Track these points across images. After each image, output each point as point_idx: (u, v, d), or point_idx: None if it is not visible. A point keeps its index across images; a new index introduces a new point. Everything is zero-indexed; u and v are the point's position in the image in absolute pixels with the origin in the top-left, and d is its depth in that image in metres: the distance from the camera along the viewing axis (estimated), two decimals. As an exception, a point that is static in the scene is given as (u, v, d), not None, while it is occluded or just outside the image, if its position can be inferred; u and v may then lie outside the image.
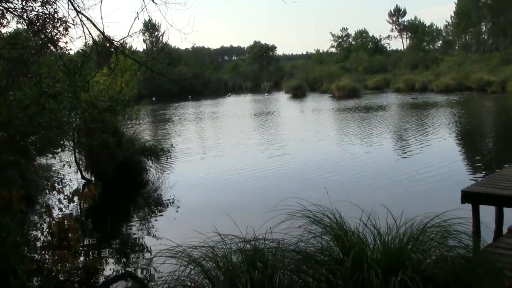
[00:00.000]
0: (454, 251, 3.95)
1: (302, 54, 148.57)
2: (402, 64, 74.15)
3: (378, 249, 3.97)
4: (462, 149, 16.84)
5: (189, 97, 59.93)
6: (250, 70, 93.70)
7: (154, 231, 8.76)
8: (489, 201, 6.84)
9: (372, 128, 22.58)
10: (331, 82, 55.05)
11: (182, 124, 29.80)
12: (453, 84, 49.19)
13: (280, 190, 10.57)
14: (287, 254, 3.87)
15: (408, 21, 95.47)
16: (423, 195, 10.01)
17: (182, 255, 3.77)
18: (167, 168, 14.17)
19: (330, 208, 4.30)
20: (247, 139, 20.39)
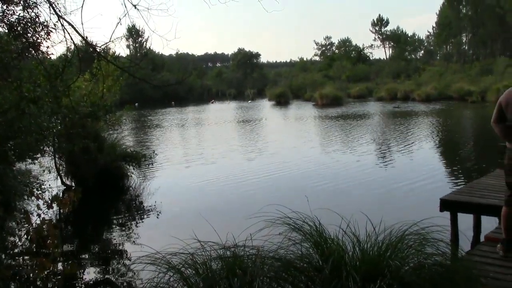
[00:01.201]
0: (431, 258, 3.99)
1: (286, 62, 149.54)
2: (384, 73, 75.00)
3: (357, 256, 3.99)
4: (442, 158, 17.05)
5: (172, 103, 59.75)
6: (234, 77, 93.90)
7: (134, 238, 8.70)
8: (467, 209, 6.93)
9: (354, 137, 22.75)
10: (315, 90, 55.35)
11: (165, 130, 29.70)
12: (434, 94, 49.87)
13: (261, 198, 10.59)
14: (266, 261, 3.87)
15: (391, 30, 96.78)
16: (403, 203, 10.11)
17: (161, 262, 3.75)
18: (148, 174, 14.10)
19: (310, 216, 4.32)
20: (230, 147, 20.38)
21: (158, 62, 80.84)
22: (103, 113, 12.86)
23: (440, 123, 28.17)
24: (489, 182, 7.67)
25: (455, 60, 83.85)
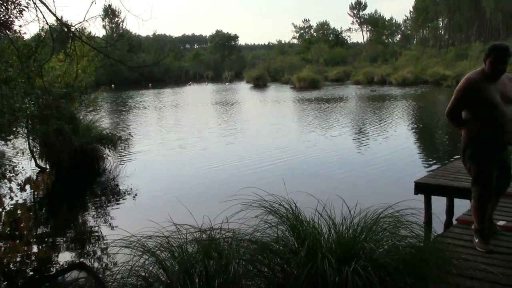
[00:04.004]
0: (405, 240, 4.04)
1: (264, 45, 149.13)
2: (362, 56, 75.41)
3: (332, 238, 4.03)
4: (417, 141, 17.26)
5: (149, 85, 59.15)
6: (211, 59, 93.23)
7: (110, 221, 8.63)
8: (440, 192, 7.04)
9: (331, 120, 22.87)
10: (292, 73, 55.42)
11: (142, 112, 29.40)
12: (411, 78, 50.40)
13: (238, 181, 10.60)
14: (242, 244, 3.87)
15: (369, 14, 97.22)
16: (378, 186, 10.22)
17: (136, 245, 3.72)
18: (125, 156, 13.96)
19: (286, 199, 4.33)
20: (207, 130, 20.30)
21: (134, 43, 79.75)
22: (78, 94, 12.66)
23: (415, 107, 28.49)
24: (462, 166, 7.76)
25: (431, 44, 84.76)
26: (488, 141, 4.47)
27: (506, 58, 4.32)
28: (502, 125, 4.37)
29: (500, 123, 4.36)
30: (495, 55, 4.32)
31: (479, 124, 4.48)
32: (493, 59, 4.34)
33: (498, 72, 4.37)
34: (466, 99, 4.51)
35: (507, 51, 4.33)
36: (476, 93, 4.42)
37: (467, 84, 4.48)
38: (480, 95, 4.39)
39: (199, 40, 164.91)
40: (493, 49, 4.36)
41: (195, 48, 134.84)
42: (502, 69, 4.36)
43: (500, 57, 4.31)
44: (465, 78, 4.55)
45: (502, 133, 4.39)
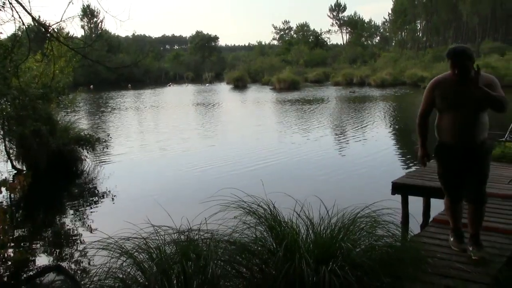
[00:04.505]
0: (382, 240, 4.10)
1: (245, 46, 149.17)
2: (341, 58, 75.88)
3: (310, 239, 4.06)
4: (396, 142, 17.45)
5: (129, 86, 58.68)
6: (191, 60, 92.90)
7: (88, 223, 8.54)
8: (417, 192, 7.15)
9: (310, 121, 22.99)
10: (272, 74, 55.54)
11: (121, 113, 29.16)
12: (389, 79, 50.91)
13: (218, 182, 10.56)
14: (221, 244, 3.88)
15: (348, 16, 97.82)
16: (357, 187, 10.31)
17: (114, 247, 3.70)
18: (104, 158, 13.84)
19: (265, 199, 4.34)
20: (188, 131, 20.23)
21: (114, 44, 79.07)
22: (56, 95, 12.51)
23: (394, 108, 28.80)
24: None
25: (409, 46, 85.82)
26: (444, 143, 4.46)
27: (461, 60, 4.18)
28: (455, 128, 4.32)
29: (453, 126, 4.33)
30: (450, 59, 4.24)
31: (439, 125, 4.48)
32: (451, 63, 4.25)
33: (458, 75, 4.21)
34: (429, 100, 4.49)
35: (461, 54, 4.20)
36: (437, 94, 4.41)
37: (430, 85, 4.52)
38: (440, 97, 4.38)
39: (179, 41, 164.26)
40: (448, 53, 4.28)
41: (175, 49, 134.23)
42: (461, 72, 4.19)
43: (455, 60, 4.21)
44: (432, 79, 4.63)
45: (457, 136, 4.33)
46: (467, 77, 4.10)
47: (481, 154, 4.38)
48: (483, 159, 4.41)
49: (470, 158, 4.35)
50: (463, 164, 4.39)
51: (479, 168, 4.40)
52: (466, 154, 4.35)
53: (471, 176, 4.42)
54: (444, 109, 4.38)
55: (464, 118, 4.27)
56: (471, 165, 4.38)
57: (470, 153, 4.34)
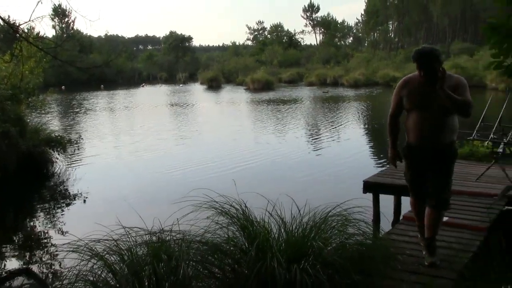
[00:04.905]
0: (353, 238, 4.16)
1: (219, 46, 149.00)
2: (315, 58, 76.29)
3: (282, 238, 4.09)
4: (367, 141, 17.68)
5: (101, 87, 57.91)
6: (165, 60, 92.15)
7: (59, 225, 8.42)
8: (388, 191, 7.27)
9: (283, 121, 23.09)
10: (247, 74, 55.54)
11: (94, 114, 28.76)
12: (362, 79, 51.47)
13: (192, 183, 10.52)
14: (193, 245, 3.88)
15: (321, 17, 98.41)
16: (329, 185, 10.42)
17: (84, 249, 3.66)
18: (76, 160, 13.65)
19: (237, 199, 4.36)
20: (162, 132, 20.08)
21: (86, 44, 77.95)
22: (25, 96, 12.30)
23: (367, 108, 29.15)
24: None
25: (381, 47, 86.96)
26: (411, 143, 4.43)
27: (426, 62, 4.13)
28: (421, 129, 4.29)
29: (419, 126, 4.30)
30: (415, 61, 4.19)
31: (407, 125, 4.45)
32: (416, 65, 4.19)
33: (424, 77, 4.17)
34: (397, 99, 4.46)
35: (426, 55, 4.14)
36: (404, 94, 4.38)
37: (398, 85, 4.50)
38: (407, 97, 4.35)
39: (152, 41, 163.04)
40: (413, 55, 4.20)
41: (149, 49, 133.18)
42: (427, 74, 4.13)
43: (420, 62, 4.15)
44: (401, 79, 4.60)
45: (422, 137, 4.30)
46: (433, 78, 4.05)
47: (446, 157, 4.34)
48: (447, 162, 4.36)
49: (435, 160, 4.31)
50: (428, 165, 4.36)
51: (442, 171, 4.35)
52: (431, 155, 4.31)
53: (434, 178, 4.37)
54: (411, 109, 4.35)
55: (429, 119, 4.23)
56: (435, 167, 4.34)
57: (435, 154, 4.30)
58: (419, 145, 4.35)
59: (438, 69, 4.04)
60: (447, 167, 4.38)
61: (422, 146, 4.33)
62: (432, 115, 4.22)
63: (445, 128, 4.24)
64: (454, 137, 4.36)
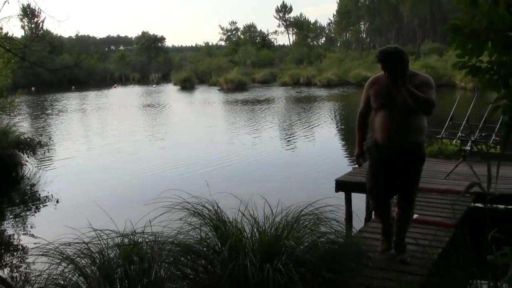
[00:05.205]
0: (325, 237, 4.20)
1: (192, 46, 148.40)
2: (288, 59, 76.52)
3: (255, 238, 4.11)
4: (340, 141, 17.85)
5: (72, 88, 57.01)
6: (138, 61, 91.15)
7: (28, 229, 8.27)
8: (360, 189, 7.34)
9: (257, 121, 23.13)
10: (220, 75, 55.42)
11: (66, 116, 28.30)
12: (335, 79, 51.83)
13: (162, 184, 10.46)
14: (165, 246, 3.86)
15: (294, 17, 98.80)
16: (302, 185, 10.47)
17: (54, 253, 3.61)
18: (46, 162, 13.42)
19: (210, 200, 4.36)
20: (135, 134, 19.88)
21: (56, 44, 76.55)
22: (-7, 97, 12.05)
23: (340, 108, 29.41)
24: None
25: (354, 47, 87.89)
26: (377, 143, 4.42)
27: (390, 62, 4.12)
28: (387, 128, 4.28)
29: (385, 126, 4.29)
30: (379, 61, 4.18)
31: (374, 125, 4.44)
32: (381, 66, 4.19)
33: (388, 77, 4.16)
34: (366, 98, 4.46)
35: (389, 56, 4.13)
36: (371, 93, 4.38)
37: (367, 84, 4.50)
38: (374, 96, 4.35)
39: (124, 41, 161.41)
40: (377, 56, 4.21)
41: (121, 49, 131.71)
42: (391, 74, 4.13)
43: (384, 63, 4.15)
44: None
45: (388, 137, 4.29)
46: (398, 78, 4.06)
47: (414, 157, 4.33)
48: (416, 162, 4.36)
49: (402, 160, 4.29)
50: (395, 165, 4.32)
51: (410, 171, 4.36)
52: (399, 156, 4.29)
53: (402, 179, 4.37)
54: (378, 109, 4.35)
55: (396, 119, 4.21)
56: (403, 167, 4.32)
57: (403, 155, 4.28)
58: (386, 145, 4.32)
59: (402, 68, 4.08)
60: (415, 168, 4.38)
61: (390, 146, 4.30)
62: (399, 115, 4.19)
63: (412, 128, 4.22)
64: (423, 137, 4.34)
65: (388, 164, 4.36)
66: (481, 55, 2.41)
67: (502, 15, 2.22)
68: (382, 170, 4.42)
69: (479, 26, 2.31)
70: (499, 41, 2.30)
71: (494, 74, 2.44)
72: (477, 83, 3.14)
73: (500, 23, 2.24)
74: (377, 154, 4.44)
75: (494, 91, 2.47)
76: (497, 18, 2.24)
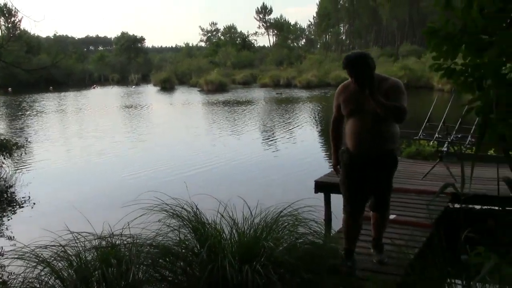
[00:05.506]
0: (304, 237, 4.22)
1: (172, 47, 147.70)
2: (268, 60, 76.64)
3: (234, 239, 4.11)
4: (320, 142, 17.91)
5: (50, 88, 56.27)
6: (117, 61, 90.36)
7: (4, 232, 8.10)
8: (339, 190, 7.36)
9: (237, 123, 23.12)
10: (200, 75, 55.27)
11: (44, 117, 27.90)
12: (315, 81, 52.08)
13: (142, 186, 10.39)
14: (143, 248, 3.84)
15: (274, 19, 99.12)
16: (282, 186, 10.49)
17: (30, 256, 3.56)
18: (24, 164, 13.22)
19: (189, 202, 4.34)
20: (115, 135, 19.70)
21: (34, 44, 75.43)
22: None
23: (319, 109, 29.54)
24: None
25: (333, 49, 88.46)
26: (348, 150, 4.27)
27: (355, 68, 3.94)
28: (356, 136, 4.14)
29: (355, 133, 4.15)
30: (344, 67, 4.01)
31: (345, 132, 4.30)
32: (347, 71, 4.01)
33: (355, 83, 3.99)
34: (337, 105, 4.35)
35: (354, 62, 3.95)
36: (341, 100, 4.26)
37: (336, 91, 4.37)
38: (344, 103, 4.22)
39: (103, 41, 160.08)
40: (342, 62, 4.03)
41: (100, 50, 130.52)
42: (357, 80, 3.95)
43: (349, 69, 3.97)
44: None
45: (358, 144, 4.15)
46: (365, 84, 3.89)
47: (385, 164, 4.22)
48: (387, 169, 4.26)
49: (374, 168, 4.18)
50: (367, 172, 4.20)
51: (382, 178, 4.27)
52: (368, 163, 4.17)
53: (373, 187, 4.30)
54: (348, 116, 4.21)
55: (365, 125, 4.08)
56: (374, 174, 4.21)
57: (374, 162, 4.16)
58: (357, 153, 4.18)
59: (369, 73, 3.92)
60: (388, 174, 4.28)
61: (360, 154, 4.17)
62: (369, 122, 4.05)
63: (382, 135, 4.09)
64: (394, 145, 4.23)
65: (359, 171, 4.22)
66: (456, 57, 2.45)
67: (475, 18, 2.27)
68: (353, 177, 4.28)
69: (453, 29, 2.35)
70: (472, 44, 2.34)
71: (468, 76, 2.49)
72: (454, 85, 3.12)
73: (473, 26, 2.28)
74: (348, 161, 4.27)
75: (469, 93, 2.52)
76: (471, 21, 2.29)
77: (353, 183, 4.28)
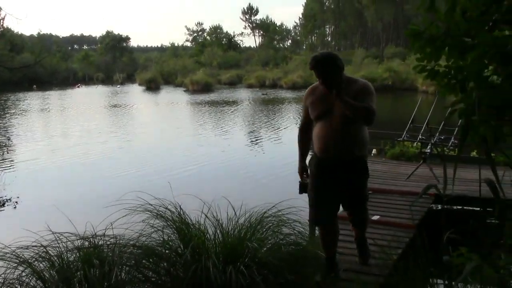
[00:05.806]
0: (288, 238, 4.22)
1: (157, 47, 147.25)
2: (254, 60, 76.73)
3: (218, 239, 4.09)
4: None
5: (34, 87, 55.67)
6: (102, 60, 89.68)
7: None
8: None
9: (222, 123, 23.11)
10: (186, 75, 55.13)
11: (24, 116, 27.57)
12: (300, 82, 52.13)
13: (126, 187, 10.32)
14: (126, 249, 3.81)
15: (260, 20, 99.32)
16: (268, 187, 10.52)
17: (10, 257, 3.51)
18: (6, 164, 13.05)
19: (173, 202, 4.32)
20: (99, 135, 19.55)
21: (17, 42, 74.60)
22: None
23: (304, 110, 29.61)
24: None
25: (319, 50, 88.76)
26: (316, 156, 4.08)
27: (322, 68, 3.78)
28: (324, 140, 3.93)
29: (322, 137, 3.94)
30: (311, 68, 3.83)
31: (313, 136, 4.08)
32: (314, 73, 3.84)
33: (322, 84, 3.86)
34: (305, 109, 4.15)
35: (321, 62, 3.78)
36: (308, 103, 4.07)
37: (305, 94, 4.17)
38: (311, 106, 4.03)
39: (88, 40, 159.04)
40: (309, 63, 3.85)
41: (84, 49, 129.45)
42: (324, 81, 3.82)
43: (316, 69, 3.81)
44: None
45: (325, 149, 3.93)
46: (332, 86, 3.71)
47: (355, 170, 4.00)
48: (356, 173, 4.02)
49: (340, 173, 3.96)
50: (332, 178, 3.99)
51: (352, 183, 4.04)
52: (335, 169, 3.96)
53: (345, 191, 4.06)
54: (316, 119, 4.00)
55: (333, 129, 3.87)
56: (342, 177, 3.97)
57: (340, 167, 3.95)
58: (325, 158, 3.96)
59: (337, 74, 3.80)
60: (359, 180, 4.08)
61: (328, 158, 3.95)
62: (337, 124, 3.85)
63: (351, 139, 3.88)
64: (364, 151, 4.02)
65: (329, 174, 3.98)
66: (439, 59, 2.46)
67: (458, 21, 2.29)
68: (322, 182, 4.03)
69: (436, 31, 2.37)
70: (455, 46, 2.36)
71: (451, 78, 2.51)
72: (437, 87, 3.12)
73: (456, 29, 2.30)
74: (316, 167, 4.07)
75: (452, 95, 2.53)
76: (454, 24, 2.30)
77: (322, 189, 4.02)
